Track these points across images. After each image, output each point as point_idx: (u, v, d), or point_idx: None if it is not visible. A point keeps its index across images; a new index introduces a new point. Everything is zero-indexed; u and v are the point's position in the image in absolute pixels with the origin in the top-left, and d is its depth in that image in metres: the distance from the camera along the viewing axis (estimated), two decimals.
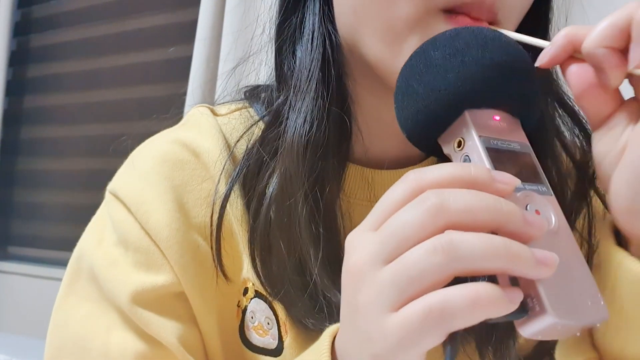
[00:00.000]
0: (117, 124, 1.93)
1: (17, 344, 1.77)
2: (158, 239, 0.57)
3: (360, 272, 0.39)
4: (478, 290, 0.35)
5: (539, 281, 0.37)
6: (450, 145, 0.43)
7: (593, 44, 0.42)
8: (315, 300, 0.54)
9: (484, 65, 0.42)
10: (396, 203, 0.39)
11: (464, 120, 0.42)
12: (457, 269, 0.36)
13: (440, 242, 0.36)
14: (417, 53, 0.45)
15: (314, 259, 0.54)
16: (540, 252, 0.36)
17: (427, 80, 0.43)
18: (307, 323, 0.55)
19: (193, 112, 0.65)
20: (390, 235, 0.38)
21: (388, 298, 0.37)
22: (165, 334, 0.56)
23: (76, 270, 0.61)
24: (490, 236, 0.36)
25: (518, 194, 0.40)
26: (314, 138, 0.55)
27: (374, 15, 0.52)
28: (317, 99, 0.56)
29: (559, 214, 0.41)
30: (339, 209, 0.57)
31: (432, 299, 0.36)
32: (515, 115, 0.44)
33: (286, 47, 0.59)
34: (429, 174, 0.39)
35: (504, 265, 0.36)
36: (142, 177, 0.60)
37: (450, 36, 0.44)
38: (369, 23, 0.53)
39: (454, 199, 0.37)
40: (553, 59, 0.44)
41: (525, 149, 0.43)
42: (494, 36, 0.44)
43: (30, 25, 2.20)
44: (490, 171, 0.39)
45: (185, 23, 1.72)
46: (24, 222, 2.15)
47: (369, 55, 0.54)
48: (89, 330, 0.57)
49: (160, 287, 0.57)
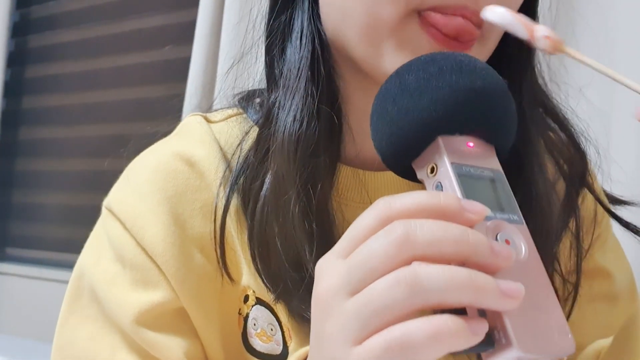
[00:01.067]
0: (116, 124, 1.92)
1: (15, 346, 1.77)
2: (154, 254, 0.57)
3: (327, 301, 0.39)
4: (439, 324, 0.35)
5: (505, 313, 0.37)
6: (424, 170, 0.43)
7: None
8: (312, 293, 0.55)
9: (457, 91, 0.42)
10: (365, 231, 0.39)
11: (437, 146, 0.42)
12: (421, 303, 0.36)
13: (404, 275, 0.36)
14: (392, 77, 0.45)
15: (309, 255, 0.54)
16: (506, 283, 0.36)
17: (401, 104, 0.43)
18: (307, 316, 0.55)
19: (186, 121, 0.65)
20: (357, 266, 0.38)
21: (352, 330, 0.37)
22: (171, 352, 0.56)
23: (77, 289, 0.61)
24: (454, 269, 0.36)
25: (488, 222, 0.39)
26: (304, 136, 0.55)
27: (358, 15, 0.53)
28: (307, 98, 0.56)
29: (529, 243, 0.41)
30: (331, 208, 0.57)
31: (393, 333, 0.36)
32: (490, 142, 0.44)
33: (275, 45, 0.59)
34: (399, 203, 0.39)
35: (468, 298, 0.36)
36: (136, 191, 0.60)
37: (425, 61, 0.44)
38: (354, 23, 0.53)
39: (420, 230, 0.37)
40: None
41: (498, 177, 0.43)
42: (468, 62, 0.44)
43: (28, 26, 2.19)
44: (460, 200, 0.39)
45: (184, 24, 1.72)
46: (22, 223, 2.15)
47: (354, 54, 0.55)
48: (94, 352, 0.57)
49: (159, 304, 0.57)
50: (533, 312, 0.38)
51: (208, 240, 0.59)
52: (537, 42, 0.46)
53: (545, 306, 0.39)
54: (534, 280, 0.39)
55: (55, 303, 0.66)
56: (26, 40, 2.20)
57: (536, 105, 0.61)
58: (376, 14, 0.51)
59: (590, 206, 0.65)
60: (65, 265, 1.90)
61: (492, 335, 0.37)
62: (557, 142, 0.63)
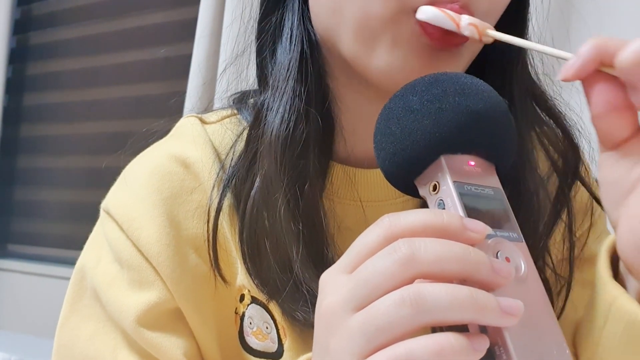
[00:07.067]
0: (117, 121, 1.93)
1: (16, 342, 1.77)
2: (149, 255, 0.58)
3: (332, 316, 0.40)
4: (442, 341, 0.36)
5: (505, 329, 0.38)
6: (426, 188, 0.44)
7: (631, 61, 0.39)
8: (300, 293, 0.55)
9: (460, 113, 0.43)
10: (370, 248, 0.40)
11: (439, 165, 0.43)
12: (424, 321, 0.37)
13: (408, 293, 0.37)
14: (397, 96, 0.46)
15: (296, 256, 0.55)
16: (506, 300, 0.37)
17: (405, 124, 0.44)
18: (297, 316, 0.56)
19: (181, 123, 0.65)
20: (361, 282, 0.39)
21: (357, 346, 0.38)
22: (171, 352, 0.57)
23: (79, 289, 0.61)
24: (457, 288, 0.37)
25: (489, 240, 0.40)
26: (291, 138, 0.56)
27: (349, 13, 0.53)
28: (295, 99, 0.56)
29: (528, 261, 0.41)
30: (322, 208, 0.58)
31: (397, 350, 0.37)
32: (490, 161, 0.45)
33: (266, 47, 0.60)
34: (403, 220, 0.39)
35: (470, 316, 0.37)
36: (132, 193, 0.60)
37: (429, 82, 0.45)
38: (345, 21, 0.53)
39: (424, 249, 0.38)
40: (579, 72, 0.42)
41: (498, 195, 0.44)
42: (471, 83, 0.45)
43: (30, 23, 2.20)
44: (463, 219, 0.39)
45: (185, 21, 1.72)
46: (23, 220, 2.15)
47: (345, 53, 0.55)
48: (96, 351, 0.58)
49: (155, 304, 0.57)
50: (532, 329, 0.39)
51: (203, 241, 0.59)
52: (464, 31, 0.49)
53: (544, 323, 0.40)
54: (533, 298, 0.40)
55: (57, 299, 0.66)
56: (27, 38, 2.20)
57: (528, 99, 0.61)
58: (368, 10, 0.51)
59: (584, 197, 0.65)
60: (66, 261, 1.90)
61: (493, 351, 0.38)
62: (551, 135, 0.64)
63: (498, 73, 0.59)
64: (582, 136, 0.64)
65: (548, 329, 0.40)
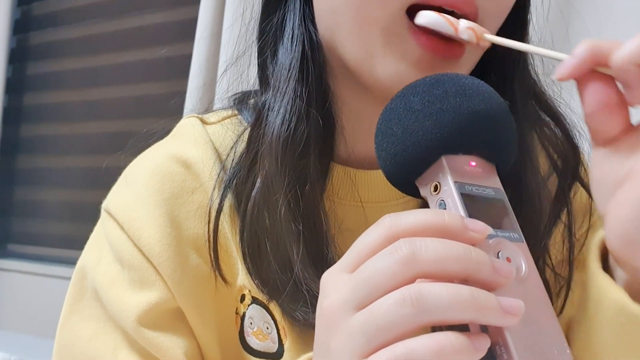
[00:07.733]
0: (117, 121, 1.93)
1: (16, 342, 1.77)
2: (150, 255, 0.58)
3: (333, 316, 0.40)
4: (442, 341, 0.36)
5: (506, 329, 0.38)
6: (427, 188, 0.44)
7: (627, 59, 0.40)
8: (300, 294, 0.55)
9: (461, 114, 0.43)
10: (371, 247, 0.40)
11: (440, 165, 0.43)
12: (425, 320, 0.37)
13: (409, 292, 0.37)
14: (398, 97, 0.46)
15: (296, 256, 0.55)
16: (507, 300, 0.37)
17: (406, 125, 0.44)
18: (297, 316, 0.56)
19: (182, 123, 0.65)
20: (362, 282, 0.39)
21: (357, 346, 0.38)
22: (172, 352, 0.57)
23: (79, 289, 0.62)
24: (458, 287, 0.37)
25: (490, 240, 0.41)
26: (291, 138, 0.56)
27: (349, 16, 0.53)
28: (296, 99, 0.56)
29: (529, 261, 0.42)
30: (323, 208, 0.58)
31: (398, 349, 0.37)
32: (491, 161, 0.45)
33: (268, 47, 0.60)
34: (404, 220, 0.40)
35: (471, 316, 0.37)
36: (133, 193, 0.60)
37: (431, 83, 0.45)
38: (345, 23, 0.54)
39: (425, 249, 0.38)
40: (574, 72, 0.42)
41: (499, 195, 0.44)
42: (472, 84, 0.45)
43: (30, 23, 2.20)
44: (464, 219, 0.40)
45: (185, 21, 1.72)
46: (24, 220, 2.15)
47: (345, 55, 0.55)
48: (96, 351, 0.58)
49: (156, 304, 0.57)
50: (532, 329, 0.39)
51: (203, 242, 0.59)
52: (462, 34, 0.50)
53: (544, 323, 0.40)
54: (534, 298, 0.41)
55: (57, 299, 0.66)
56: (28, 37, 2.20)
57: (529, 99, 0.61)
58: (366, 15, 0.52)
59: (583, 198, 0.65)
60: (67, 261, 1.90)
61: (494, 350, 0.38)
62: (551, 136, 0.64)
63: (499, 74, 0.60)
64: (583, 137, 0.64)
65: (549, 329, 0.40)
